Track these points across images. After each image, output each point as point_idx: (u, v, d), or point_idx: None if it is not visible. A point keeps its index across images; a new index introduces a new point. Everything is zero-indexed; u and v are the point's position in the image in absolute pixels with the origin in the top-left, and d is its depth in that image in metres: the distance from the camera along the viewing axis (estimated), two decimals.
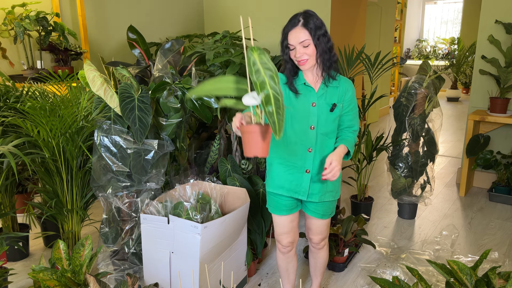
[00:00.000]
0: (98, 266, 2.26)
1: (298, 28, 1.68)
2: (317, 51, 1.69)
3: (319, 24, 1.69)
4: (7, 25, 3.02)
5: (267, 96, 1.26)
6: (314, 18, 1.69)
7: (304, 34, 1.67)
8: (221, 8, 4.65)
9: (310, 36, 1.67)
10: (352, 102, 1.82)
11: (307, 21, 1.67)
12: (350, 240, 2.53)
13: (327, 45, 1.71)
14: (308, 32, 1.67)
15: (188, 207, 2.01)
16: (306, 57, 1.69)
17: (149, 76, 2.52)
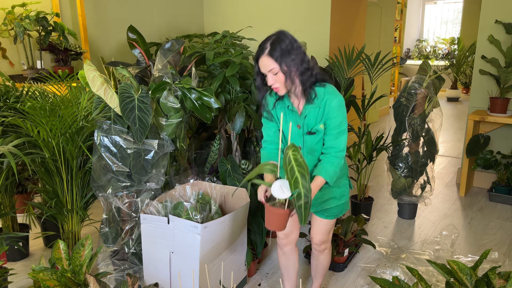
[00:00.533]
0: (98, 266, 2.26)
1: (265, 57, 1.61)
2: (287, 77, 1.62)
3: (288, 49, 1.60)
4: (7, 25, 3.02)
5: (299, 194, 1.42)
6: (282, 43, 1.60)
7: (271, 62, 1.60)
8: (221, 8, 4.65)
9: (276, 64, 1.60)
10: (336, 119, 1.68)
11: (273, 48, 1.59)
12: (350, 240, 2.53)
13: (301, 67, 1.63)
14: (274, 60, 1.59)
15: (188, 207, 2.01)
16: (277, 84, 1.65)
17: (149, 76, 2.52)
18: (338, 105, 1.68)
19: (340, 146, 1.70)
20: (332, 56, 4.00)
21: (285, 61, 1.60)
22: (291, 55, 1.60)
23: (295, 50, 1.61)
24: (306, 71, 1.64)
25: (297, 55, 1.62)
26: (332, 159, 1.70)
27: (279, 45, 1.59)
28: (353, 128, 3.07)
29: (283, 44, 1.60)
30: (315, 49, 4.09)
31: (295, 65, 1.61)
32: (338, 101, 1.68)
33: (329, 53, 4.06)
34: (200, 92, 2.22)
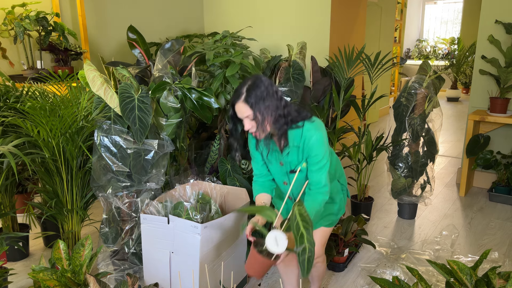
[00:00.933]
0: (98, 266, 2.26)
1: (241, 103, 1.61)
2: (259, 125, 1.62)
3: (263, 95, 1.60)
4: (7, 25, 3.02)
5: (304, 249, 1.43)
6: (257, 90, 1.60)
7: (246, 109, 1.61)
8: (221, 8, 4.65)
9: (251, 111, 1.60)
10: (316, 157, 1.67)
11: (248, 95, 1.60)
12: (350, 240, 2.53)
13: (275, 113, 1.62)
14: (249, 107, 1.60)
15: (188, 207, 2.01)
16: (254, 129, 1.65)
17: (149, 76, 2.52)
18: (316, 143, 1.66)
19: (321, 181, 1.69)
20: (332, 56, 4.00)
21: (259, 108, 1.59)
22: (265, 102, 1.60)
23: (270, 97, 1.61)
24: (280, 118, 1.64)
25: (272, 102, 1.61)
26: (316, 195, 1.69)
27: (254, 91, 1.59)
28: (353, 128, 3.07)
29: (258, 91, 1.60)
30: (315, 49, 4.09)
31: (269, 112, 1.61)
32: (316, 138, 1.66)
33: (329, 53, 4.06)
34: (200, 92, 2.22)
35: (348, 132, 3.20)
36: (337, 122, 3.03)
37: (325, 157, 1.67)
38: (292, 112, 1.67)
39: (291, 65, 2.89)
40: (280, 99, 1.65)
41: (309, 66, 3.42)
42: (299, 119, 1.67)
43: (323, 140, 1.67)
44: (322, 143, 1.66)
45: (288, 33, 4.24)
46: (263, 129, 1.63)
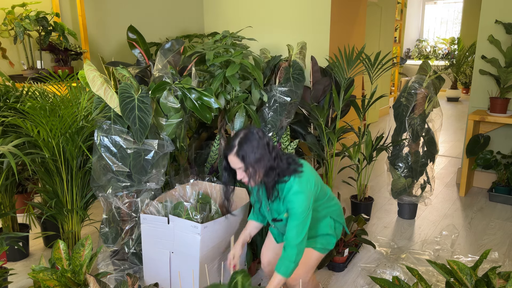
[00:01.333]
0: (98, 266, 2.26)
1: (232, 156, 1.68)
2: (251, 178, 1.68)
3: (254, 150, 1.65)
4: (7, 25, 3.02)
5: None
6: (249, 143, 1.66)
7: (238, 161, 1.67)
8: (221, 8, 4.65)
9: (242, 164, 1.66)
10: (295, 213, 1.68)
11: (240, 148, 1.66)
12: (350, 240, 2.53)
13: (267, 165, 1.68)
14: (239, 161, 1.66)
15: (188, 207, 2.01)
16: (246, 179, 1.71)
17: (149, 76, 2.52)
18: (298, 203, 1.69)
19: (296, 239, 1.68)
20: (332, 56, 4.00)
21: (251, 161, 1.65)
22: (256, 155, 1.65)
23: (261, 150, 1.67)
24: (270, 171, 1.69)
25: (263, 155, 1.67)
26: (290, 252, 1.69)
27: (246, 145, 1.66)
28: (353, 128, 3.07)
29: (250, 144, 1.66)
30: (315, 49, 4.09)
31: (260, 165, 1.67)
32: (297, 199, 1.69)
33: (329, 53, 4.06)
34: (200, 92, 2.22)
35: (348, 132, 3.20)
36: (337, 122, 3.03)
37: (303, 216, 1.69)
38: (281, 164, 1.72)
39: (291, 65, 2.89)
40: (271, 151, 1.70)
41: (309, 66, 3.42)
42: (287, 173, 1.72)
43: (304, 199, 1.69)
44: (303, 202, 1.69)
45: (288, 33, 4.24)
46: (254, 180, 1.70)
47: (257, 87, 2.67)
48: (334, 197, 1.96)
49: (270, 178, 1.69)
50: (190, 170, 2.56)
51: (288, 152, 2.87)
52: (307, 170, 1.76)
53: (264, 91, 2.71)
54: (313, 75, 3.34)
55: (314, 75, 3.34)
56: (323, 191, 1.86)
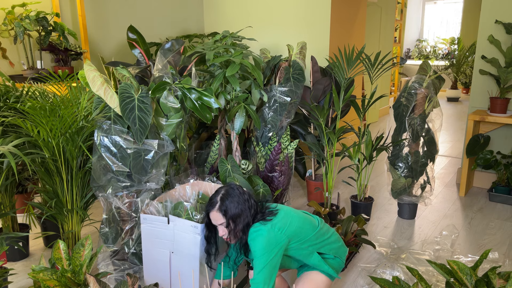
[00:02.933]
0: (98, 266, 2.26)
1: (215, 211, 1.74)
2: (233, 230, 1.74)
3: (235, 204, 1.72)
4: (7, 25, 3.02)
5: None
6: (230, 199, 1.73)
7: (220, 217, 1.73)
8: (221, 8, 4.65)
9: (224, 220, 1.73)
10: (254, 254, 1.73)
11: (222, 203, 1.73)
12: (350, 240, 2.54)
13: (246, 221, 1.74)
14: (222, 215, 1.73)
15: (188, 207, 2.01)
16: (226, 236, 1.77)
17: (149, 76, 2.52)
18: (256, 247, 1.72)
19: (260, 279, 1.70)
20: (332, 56, 4.00)
21: (232, 217, 1.72)
22: (237, 210, 1.73)
23: (241, 205, 1.74)
24: (247, 228, 1.75)
25: (243, 211, 1.74)
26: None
27: (227, 200, 1.73)
28: (353, 128, 3.07)
29: (231, 200, 1.73)
30: (315, 49, 4.09)
31: (240, 221, 1.74)
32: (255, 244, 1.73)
33: (329, 53, 4.06)
34: (200, 92, 2.22)
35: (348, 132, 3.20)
36: (337, 122, 3.03)
37: (264, 259, 1.70)
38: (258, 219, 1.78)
39: (291, 65, 2.89)
40: (251, 207, 1.77)
41: (309, 66, 3.42)
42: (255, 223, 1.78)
43: (261, 241, 1.71)
44: (260, 246, 1.71)
45: (288, 33, 4.24)
46: (234, 235, 1.76)
47: (257, 87, 2.67)
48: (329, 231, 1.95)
49: (246, 235, 1.76)
50: (190, 170, 2.56)
51: (289, 151, 2.87)
52: (279, 215, 1.79)
53: (264, 91, 2.71)
54: (313, 75, 3.34)
55: (314, 75, 3.34)
56: (305, 229, 1.85)
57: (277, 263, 1.73)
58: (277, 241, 1.73)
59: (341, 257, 1.97)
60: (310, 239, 1.85)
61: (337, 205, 3.09)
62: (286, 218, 1.80)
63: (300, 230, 1.82)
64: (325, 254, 1.92)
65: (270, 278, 1.71)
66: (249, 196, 1.79)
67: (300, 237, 1.81)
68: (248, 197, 1.78)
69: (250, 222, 1.75)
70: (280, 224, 1.76)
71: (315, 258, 1.87)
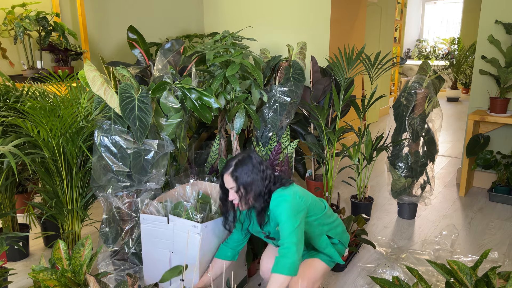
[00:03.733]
0: (98, 266, 2.26)
1: (227, 175, 1.75)
2: (242, 200, 1.74)
3: (249, 173, 1.73)
4: (7, 25, 3.02)
5: None
6: (245, 166, 1.74)
7: (231, 181, 1.74)
8: (221, 8, 4.65)
9: (234, 185, 1.73)
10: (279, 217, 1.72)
11: (235, 169, 1.73)
12: (350, 240, 2.53)
13: (258, 190, 1.74)
14: (232, 180, 1.73)
15: (188, 206, 2.01)
16: (237, 201, 1.77)
17: (149, 76, 2.52)
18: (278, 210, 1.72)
19: (288, 241, 1.68)
20: (332, 56, 4.00)
21: (243, 183, 1.73)
22: (249, 179, 1.73)
23: (255, 175, 1.74)
24: (260, 197, 1.75)
25: (256, 180, 1.74)
26: (285, 251, 1.67)
27: (241, 167, 1.74)
28: (353, 128, 3.07)
29: (246, 168, 1.74)
30: (315, 49, 4.09)
31: (251, 189, 1.74)
32: (275, 204, 1.73)
33: (329, 53, 4.06)
34: (200, 92, 2.22)
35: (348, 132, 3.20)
36: (337, 122, 3.03)
37: (293, 224, 1.69)
38: (273, 189, 1.78)
39: (291, 65, 2.89)
40: (265, 179, 1.77)
41: (309, 66, 3.42)
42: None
43: (286, 203, 1.72)
44: (284, 206, 1.71)
45: (288, 33, 4.24)
46: (245, 202, 1.76)
47: (257, 87, 2.67)
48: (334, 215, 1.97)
49: (259, 204, 1.75)
50: (190, 170, 2.56)
51: (289, 151, 2.87)
52: (293, 185, 1.81)
53: (264, 91, 2.71)
54: (313, 75, 3.34)
55: (314, 75, 3.34)
56: (317, 206, 1.87)
57: (303, 231, 1.73)
58: (299, 207, 1.74)
59: (344, 243, 1.98)
60: (320, 217, 1.87)
61: (337, 205, 3.09)
62: (302, 190, 1.82)
63: (313, 206, 1.84)
64: (332, 239, 1.93)
65: (301, 243, 1.69)
66: (266, 167, 1.79)
67: (313, 212, 1.83)
68: (264, 168, 1.78)
69: (263, 192, 1.75)
70: (300, 193, 1.78)
71: (324, 240, 1.88)
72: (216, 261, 1.94)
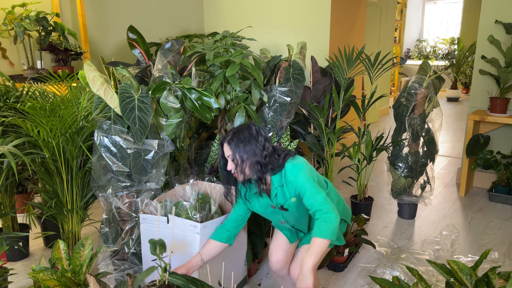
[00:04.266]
0: (98, 266, 2.26)
1: (225, 143, 1.76)
2: (237, 167, 1.73)
3: (245, 141, 1.72)
4: (7, 25, 3.02)
5: None
6: (241, 134, 1.73)
7: (228, 149, 1.74)
8: (221, 8, 4.65)
9: (231, 152, 1.73)
10: (303, 188, 1.72)
11: (233, 137, 1.74)
12: (350, 240, 2.53)
13: (254, 159, 1.72)
14: (229, 148, 1.73)
15: (187, 206, 2.01)
16: (234, 170, 1.76)
17: (149, 76, 2.52)
18: (299, 179, 1.72)
19: (322, 205, 1.68)
20: (332, 56, 4.00)
21: (239, 151, 1.72)
22: (245, 148, 1.72)
23: (251, 144, 1.73)
24: (256, 165, 1.73)
25: (252, 149, 1.72)
26: (323, 216, 1.66)
27: (238, 135, 1.73)
28: (353, 128, 3.07)
29: (242, 135, 1.73)
30: (315, 49, 4.09)
31: (247, 157, 1.72)
32: (294, 174, 1.73)
33: (329, 53, 4.06)
34: (200, 92, 2.22)
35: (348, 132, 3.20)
36: (337, 122, 3.03)
37: (311, 184, 1.71)
38: (273, 161, 1.76)
39: (291, 65, 2.89)
40: (263, 148, 1.75)
41: (309, 66, 3.42)
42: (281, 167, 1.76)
43: (303, 172, 1.73)
44: (303, 174, 1.72)
45: (288, 33, 4.24)
46: (241, 171, 1.74)
47: (257, 87, 2.67)
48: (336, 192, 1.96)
49: (256, 171, 1.74)
50: (190, 170, 2.56)
51: None
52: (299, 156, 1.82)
53: (264, 91, 2.71)
54: (313, 75, 3.34)
55: (314, 75, 3.33)
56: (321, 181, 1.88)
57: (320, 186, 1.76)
58: (313, 174, 1.77)
59: (347, 220, 1.98)
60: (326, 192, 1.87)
61: None
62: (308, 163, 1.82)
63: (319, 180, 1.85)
64: None
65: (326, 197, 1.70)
66: (265, 139, 1.77)
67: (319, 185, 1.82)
68: (262, 139, 1.76)
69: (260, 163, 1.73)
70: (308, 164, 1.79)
71: None
72: (210, 242, 1.90)
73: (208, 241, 1.91)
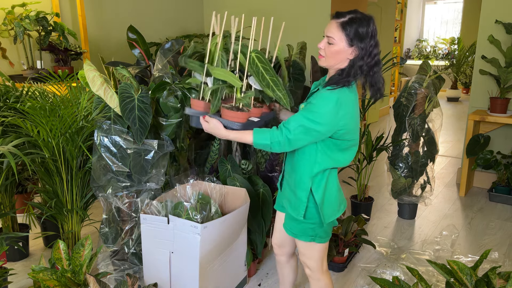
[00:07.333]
0: (98, 266, 2.26)
1: (335, 22, 1.47)
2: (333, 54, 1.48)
3: (362, 36, 1.46)
4: (7, 25, 3.02)
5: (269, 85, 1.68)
6: (361, 25, 1.46)
7: (336, 32, 1.46)
8: (221, 8, 4.65)
9: (338, 36, 1.46)
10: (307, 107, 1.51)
11: (349, 23, 1.45)
12: (350, 240, 2.53)
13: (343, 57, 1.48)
14: (341, 32, 1.46)
15: (188, 207, 2.01)
16: (322, 52, 1.52)
17: (149, 76, 2.52)
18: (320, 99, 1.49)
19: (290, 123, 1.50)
20: None
21: (349, 43, 1.46)
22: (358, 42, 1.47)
23: (365, 43, 1.48)
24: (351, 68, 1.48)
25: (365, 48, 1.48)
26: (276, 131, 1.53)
27: (356, 24, 1.45)
28: None
29: (362, 27, 1.46)
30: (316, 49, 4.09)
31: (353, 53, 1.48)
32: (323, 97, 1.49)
33: None
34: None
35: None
36: None
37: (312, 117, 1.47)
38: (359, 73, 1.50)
39: (291, 65, 2.89)
40: (370, 54, 1.50)
41: (309, 66, 3.42)
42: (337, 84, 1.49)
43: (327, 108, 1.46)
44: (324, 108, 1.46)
45: (288, 33, 4.24)
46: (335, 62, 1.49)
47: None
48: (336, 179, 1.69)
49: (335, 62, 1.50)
50: (190, 170, 2.56)
51: None
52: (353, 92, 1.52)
53: None
54: (313, 75, 3.33)
55: (314, 75, 3.33)
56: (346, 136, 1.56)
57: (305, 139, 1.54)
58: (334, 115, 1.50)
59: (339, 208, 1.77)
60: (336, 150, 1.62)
61: None
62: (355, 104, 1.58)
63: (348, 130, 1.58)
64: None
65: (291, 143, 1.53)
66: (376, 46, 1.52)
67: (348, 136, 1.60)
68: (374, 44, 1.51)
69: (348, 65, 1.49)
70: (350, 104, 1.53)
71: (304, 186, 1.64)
72: None
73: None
